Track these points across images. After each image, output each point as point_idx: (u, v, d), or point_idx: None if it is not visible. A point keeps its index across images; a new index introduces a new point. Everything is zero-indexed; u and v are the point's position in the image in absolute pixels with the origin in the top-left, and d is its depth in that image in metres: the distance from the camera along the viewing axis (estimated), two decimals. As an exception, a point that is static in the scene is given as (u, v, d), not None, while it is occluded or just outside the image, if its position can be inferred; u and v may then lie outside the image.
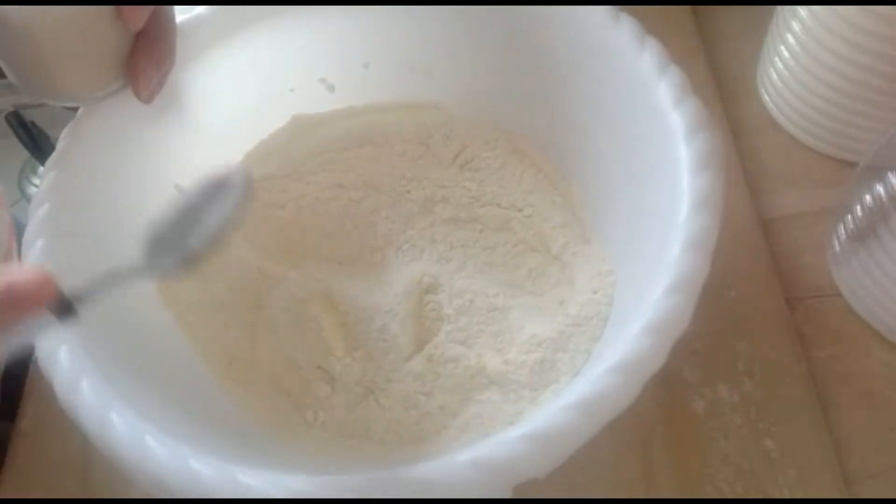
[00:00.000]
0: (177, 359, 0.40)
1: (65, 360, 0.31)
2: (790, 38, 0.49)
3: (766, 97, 0.54)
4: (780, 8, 0.51)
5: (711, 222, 0.32)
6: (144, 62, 0.37)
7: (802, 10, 0.47)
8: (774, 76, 0.52)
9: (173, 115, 0.43)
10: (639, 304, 0.31)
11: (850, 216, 0.44)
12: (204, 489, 0.28)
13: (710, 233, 0.32)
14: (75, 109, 0.40)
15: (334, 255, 0.47)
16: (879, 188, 0.41)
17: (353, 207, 0.48)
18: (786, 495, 0.39)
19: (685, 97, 0.36)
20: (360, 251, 0.47)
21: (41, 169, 0.39)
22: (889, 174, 0.41)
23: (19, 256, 0.37)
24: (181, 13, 0.44)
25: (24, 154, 0.69)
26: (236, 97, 0.47)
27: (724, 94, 0.55)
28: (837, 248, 0.45)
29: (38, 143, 0.67)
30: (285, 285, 0.44)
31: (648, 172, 0.38)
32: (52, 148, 0.39)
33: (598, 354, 0.38)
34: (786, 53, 0.50)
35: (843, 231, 0.45)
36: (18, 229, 0.50)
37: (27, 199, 1.05)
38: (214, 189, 0.31)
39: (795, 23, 0.48)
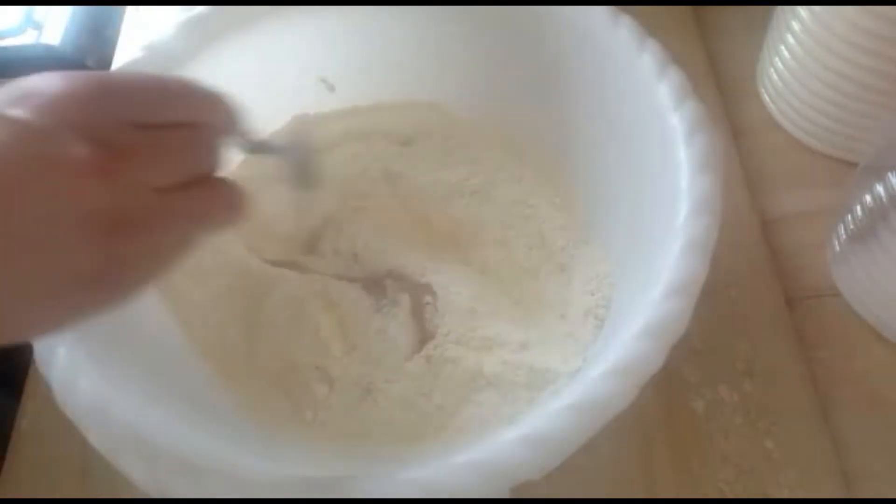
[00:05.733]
0: (175, 357, 0.40)
1: (62, 359, 0.31)
2: (790, 38, 0.49)
3: (766, 97, 0.54)
4: (780, 8, 0.51)
5: (711, 224, 0.32)
6: None
7: (802, 10, 0.47)
8: (774, 76, 0.52)
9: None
10: (637, 306, 0.31)
11: (850, 216, 0.44)
12: (202, 488, 0.28)
13: (710, 235, 0.31)
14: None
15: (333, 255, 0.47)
16: (879, 188, 0.41)
17: (353, 207, 0.48)
18: (786, 495, 0.39)
19: (685, 98, 0.36)
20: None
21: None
22: (889, 174, 0.41)
23: None
24: (181, 13, 0.44)
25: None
26: (236, 97, 0.47)
27: (724, 94, 0.55)
28: (837, 248, 0.45)
29: (38, 143, 0.67)
30: (284, 284, 0.44)
31: (648, 174, 0.37)
32: (52, 148, 0.39)
33: (596, 356, 0.38)
34: (786, 53, 0.50)
35: (843, 231, 0.45)
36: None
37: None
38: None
39: (795, 23, 0.48)
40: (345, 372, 0.41)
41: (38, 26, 0.63)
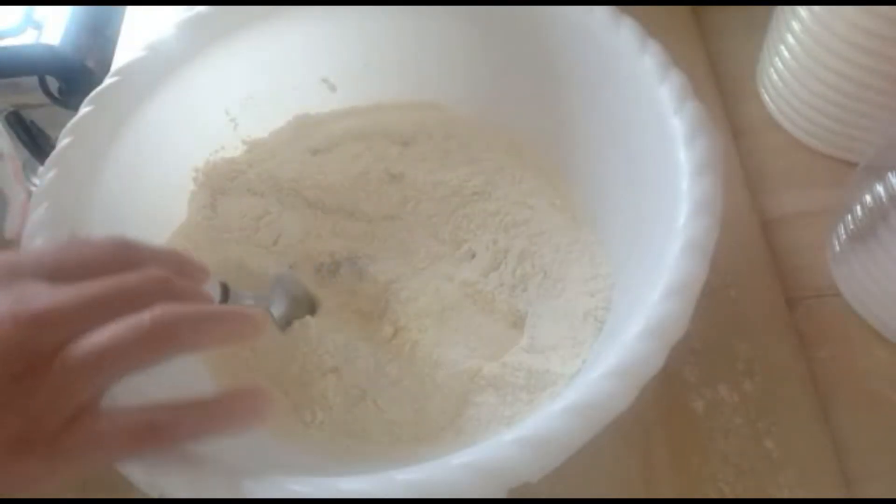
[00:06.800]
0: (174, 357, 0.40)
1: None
2: (790, 38, 0.49)
3: (766, 97, 0.54)
4: (780, 8, 0.51)
5: (711, 226, 0.32)
6: None
7: (802, 10, 0.47)
8: (774, 76, 0.52)
9: (173, 114, 0.43)
10: (637, 307, 0.31)
11: (850, 216, 0.44)
12: (201, 488, 0.28)
13: (710, 237, 0.31)
14: (75, 109, 0.40)
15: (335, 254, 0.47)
16: (879, 188, 0.41)
17: (353, 207, 0.48)
18: (786, 495, 0.39)
19: (686, 100, 0.36)
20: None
21: (41, 169, 0.39)
22: (889, 174, 0.41)
23: None
24: (181, 13, 0.44)
25: (24, 154, 0.69)
26: (237, 97, 0.47)
27: (724, 94, 0.55)
28: (837, 248, 0.45)
29: (38, 143, 0.67)
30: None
31: (648, 175, 0.37)
32: (52, 148, 0.39)
33: (595, 358, 0.38)
34: (786, 53, 0.50)
35: (843, 231, 0.45)
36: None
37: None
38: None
39: (795, 23, 0.48)
40: (344, 372, 0.41)
41: (38, 26, 0.63)
